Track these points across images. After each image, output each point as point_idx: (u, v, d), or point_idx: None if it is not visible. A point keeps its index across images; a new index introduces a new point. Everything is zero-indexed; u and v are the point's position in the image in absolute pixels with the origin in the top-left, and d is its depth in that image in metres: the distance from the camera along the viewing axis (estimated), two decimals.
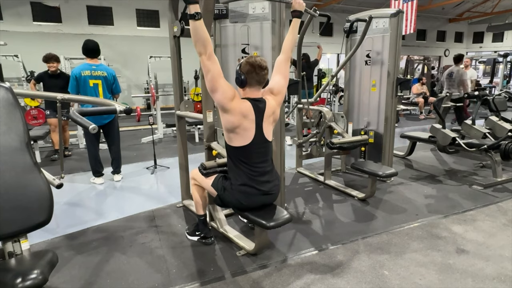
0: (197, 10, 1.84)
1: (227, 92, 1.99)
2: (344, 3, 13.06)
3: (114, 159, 4.17)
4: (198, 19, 1.84)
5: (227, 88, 2.00)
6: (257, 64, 2.04)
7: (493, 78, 12.91)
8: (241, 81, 2.09)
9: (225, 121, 2.06)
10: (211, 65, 1.94)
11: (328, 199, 3.59)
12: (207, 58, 1.92)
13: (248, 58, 2.07)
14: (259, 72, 2.06)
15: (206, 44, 1.91)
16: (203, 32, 1.88)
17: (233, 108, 2.01)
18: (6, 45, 6.31)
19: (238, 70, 2.09)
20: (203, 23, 1.88)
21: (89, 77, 3.79)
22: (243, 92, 2.15)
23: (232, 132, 2.08)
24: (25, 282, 1.31)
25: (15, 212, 1.52)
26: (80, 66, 3.85)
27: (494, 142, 3.94)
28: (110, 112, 2.11)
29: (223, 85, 1.99)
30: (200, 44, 1.90)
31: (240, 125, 2.04)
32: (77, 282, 2.20)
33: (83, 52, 3.89)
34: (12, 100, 1.63)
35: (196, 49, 1.93)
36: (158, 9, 11.64)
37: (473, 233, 2.81)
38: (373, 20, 3.76)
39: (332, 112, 3.92)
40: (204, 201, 2.60)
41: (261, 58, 2.08)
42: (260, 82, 2.11)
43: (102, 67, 3.93)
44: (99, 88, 3.85)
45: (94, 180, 4.09)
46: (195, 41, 1.90)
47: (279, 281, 2.19)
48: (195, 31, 1.88)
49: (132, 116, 8.86)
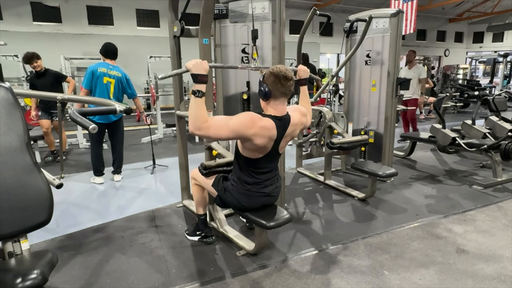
0: (201, 90, 1.80)
1: (243, 121, 1.84)
2: (344, 3, 13.05)
3: (116, 159, 4.19)
4: (199, 96, 1.79)
5: (240, 119, 1.85)
6: (282, 75, 1.90)
7: (493, 78, 12.91)
8: (264, 93, 1.94)
9: (248, 144, 1.96)
10: (214, 127, 1.81)
11: (328, 199, 3.59)
12: (207, 127, 1.79)
13: (272, 69, 1.93)
14: (285, 83, 1.91)
15: (202, 119, 1.78)
16: (202, 110, 1.79)
17: (259, 133, 1.88)
18: (6, 45, 6.30)
19: (261, 81, 1.96)
20: (203, 102, 1.81)
21: (104, 74, 3.87)
22: (267, 105, 2.00)
23: (248, 148, 2.00)
24: (25, 282, 1.31)
25: (15, 212, 1.52)
26: (98, 63, 3.95)
27: (494, 142, 3.94)
28: (110, 112, 2.10)
29: (235, 122, 1.83)
30: (197, 120, 1.78)
31: (265, 145, 1.97)
32: (77, 282, 2.20)
33: (104, 53, 4.00)
34: (12, 100, 1.63)
35: (193, 125, 1.78)
36: (158, 9, 11.64)
37: (473, 233, 2.81)
38: (373, 20, 3.76)
39: (332, 112, 3.92)
40: (204, 201, 2.60)
41: (286, 68, 1.94)
42: (285, 94, 1.96)
43: (117, 69, 4.04)
44: (111, 86, 3.93)
45: (95, 179, 4.10)
46: (192, 116, 1.78)
47: (279, 281, 2.19)
48: (194, 108, 1.78)
49: (132, 116, 8.86)
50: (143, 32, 11.56)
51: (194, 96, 1.80)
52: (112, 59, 4.04)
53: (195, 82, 1.83)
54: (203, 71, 1.83)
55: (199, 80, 1.82)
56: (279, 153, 2.15)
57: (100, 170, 4.10)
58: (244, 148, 2.03)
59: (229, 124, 1.83)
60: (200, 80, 1.82)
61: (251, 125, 1.86)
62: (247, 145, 1.98)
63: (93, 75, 3.82)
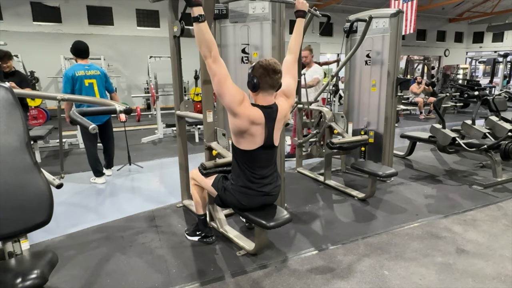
0: (200, 12, 1.81)
1: (235, 96, 1.92)
2: (344, 3, 13.06)
3: (108, 156, 4.29)
4: (202, 21, 1.81)
5: (235, 92, 1.92)
6: (271, 68, 1.93)
7: (493, 78, 12.92)
8: (253, 85, 1.98)
9: (232, 125, 2.01)
10: (217, 68, 1.88)
11: (328, 199, 3.59)
12: (213, 61, 1.86)
13: (261, 61, 1.97)
14: (273, 76, 1.95)
15: (211, 47, 1.85)
16: (208, 34, 1.85)
17: (241, 112, 1.94)
18: (6, 45, 6.30)
19: (250, 73, 1.99)
20: (207, 25, 1.84)
21: (84, 76, 3.84)
22: (255, 96, 2.05)
23: (240, 136, 2.04)
24: (25, 282, 1.31)
25: (15, 212, 1.52)
26: (72, 67, 3.89)
27: (494, 142, 3.94)
28: (110, 112, 2.11)
29: (231, 88, 1.91)
30: (204, 47, 1.85)
31: (247, 131, 2.00)
32: (77, 282, 2.20)
33: (75, 53, 3.92)
34: (12, 100, 1.63)
35: (201, 52, 1.89)
36: (158, 9, 11.63)
37: (473, 233, 2.81)
38: (373, 20, 3.76)
39: (332, 112, 3.92)
40: (204, 201, 2.60)
41: (274, 61, 1.97)
42: (273, 86, 2.01)
43: (94, 67, 3.99)
44: (94, 86, 3.92)
45: (95, 180, 4.10)
46: (200, 43, 1.86)
47: (279, 281, 2.19)
48: (199, 34, 1.84)
49: (132, 116, 8.87)
50: (143, 32, 11.56)
51: (197, 23, 1.81)
52: (85, 58, 3.95)
53: (190, 6, 1.81)
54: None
55: (193, 2, 1.80)
56: (274, 145, 2.15)
57: (99, 171, 4.11)
58: (236, 138, 2.06)
59: (229, 81, 1.91)
60: (195, 3, 1.80)
61: (240, 99, 1.93)
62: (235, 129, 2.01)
63: (73, 80, 3.78)
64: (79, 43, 3.94)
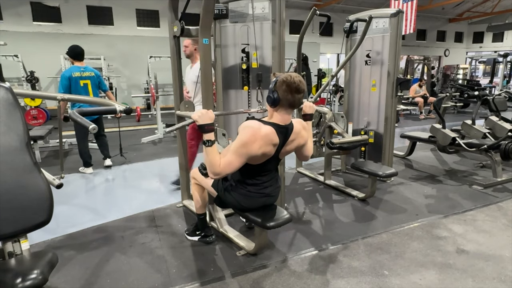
0: (210, 139, 1.85)
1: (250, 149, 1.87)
2: (344, 3, 13.05)
3: (102, 146, 4.66)
4: (208, 146, 1.85)
5: (244, 147, 1.86)
6: (294, 86, 1.87)
7: (493, 78, 12.91)
8: (273, 100, 1.92)
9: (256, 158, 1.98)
10: (229, 168, 1.88)
11: (328, 199, 3.59)
12: (222, 171, 1.88)
13: (286, 77, 1.88)
14: (296, 95, 1.89)
15: (216, 164, 1.86)
16: (212, 156, 1.86)
17: (259, 153, 1.91)
18: (6, 45, 6.30)
19: (272, 88, 1.92)
20: (215, 149, 1.88)
21: (79, 78, 4.24)
22: (273, 112, 1.98)
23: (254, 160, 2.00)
24: (25, 282, 1.30)
25: (15, 212, 1.52)
26: (70, 68, 4.30)
27: (494, 142, 3.94)
28: (110, 112, 2.11)
29: (242, 151, 1.87)
30: (209, 165, 1.89)
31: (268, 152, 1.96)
32: (77, 282, 2.20)
33: (72, 56, 4.33)
34: (12, 100, 1.63)
35: (211, 174, 1.92)
36: (158, 9, 11.63)
37: (473, 233, 2.81)
38: (373, 20, 3.76)
39: (332, 112, 3.92)
40: (204, 201, 2.60)
41: (300, 79, 1.90)
42: (293, 106, 1.95)
43: (88, 69, 4.39)
44: (89, 87, 4.32)
45: (85, 170, 4.46)
46: (208, 164, 1.90)
47: (279, 281, 2.19)
48: (205, 155, 1.88)
49: (132, 116, 8.87)
50: (143, 32, 11.55)
51: (205, 146, 1.86)
52: (81, 60, 4.36)
53: (203, 132, 1.86)
54: (209, 121, 1.87)
55: (206, 129, 1.86)
56: (279, 158, 2.15)
57: (90, 163, 4.51)
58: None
59: (235, 152, 1.87)
60: (207, 130, 1.86)
61: (253, 139, 1.86)
62: (254, 159, 1.98)
63: (70, 81, 4.16)
64: (76, 47, 4.35)
